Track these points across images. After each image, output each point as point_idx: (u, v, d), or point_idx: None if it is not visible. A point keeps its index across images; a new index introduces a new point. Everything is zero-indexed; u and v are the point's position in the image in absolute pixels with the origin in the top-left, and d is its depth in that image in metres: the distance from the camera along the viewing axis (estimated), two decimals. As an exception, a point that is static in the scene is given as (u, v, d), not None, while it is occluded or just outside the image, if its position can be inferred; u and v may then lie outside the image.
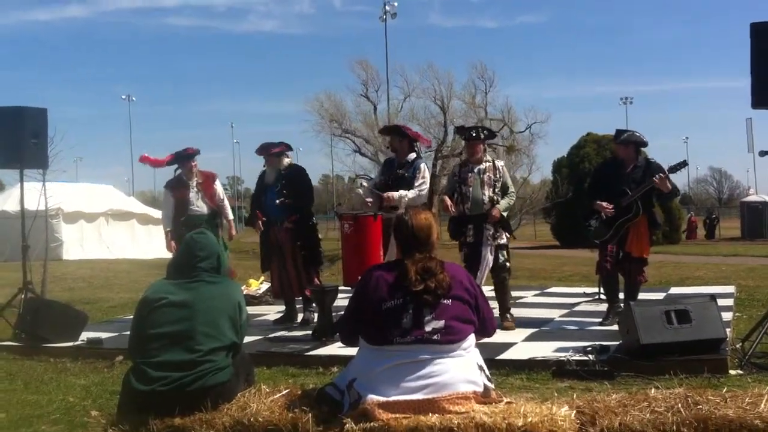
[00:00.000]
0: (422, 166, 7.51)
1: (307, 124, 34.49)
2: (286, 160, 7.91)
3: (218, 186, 8.47)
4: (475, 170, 7.14)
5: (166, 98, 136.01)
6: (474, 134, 7.29)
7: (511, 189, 7.32)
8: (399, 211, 6.40)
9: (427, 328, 3.82)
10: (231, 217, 8.65)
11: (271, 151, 7.79)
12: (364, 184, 7.16)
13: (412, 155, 7.51)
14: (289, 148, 8.02)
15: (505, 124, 29.94)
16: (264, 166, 7.99)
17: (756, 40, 5.88)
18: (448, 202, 7.13)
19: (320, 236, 8.25)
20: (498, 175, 7.16)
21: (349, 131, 32.22)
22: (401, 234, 4.11)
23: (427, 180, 7.47)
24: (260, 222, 7.82)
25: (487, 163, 7.20)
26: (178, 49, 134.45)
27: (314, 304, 7.40)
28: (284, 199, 7.68)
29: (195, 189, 8.26)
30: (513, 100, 41.59)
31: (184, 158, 8.27)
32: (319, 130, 32.87)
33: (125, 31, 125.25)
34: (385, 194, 7.24)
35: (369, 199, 7.40)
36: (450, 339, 3.84)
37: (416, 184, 7.32)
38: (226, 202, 8.57)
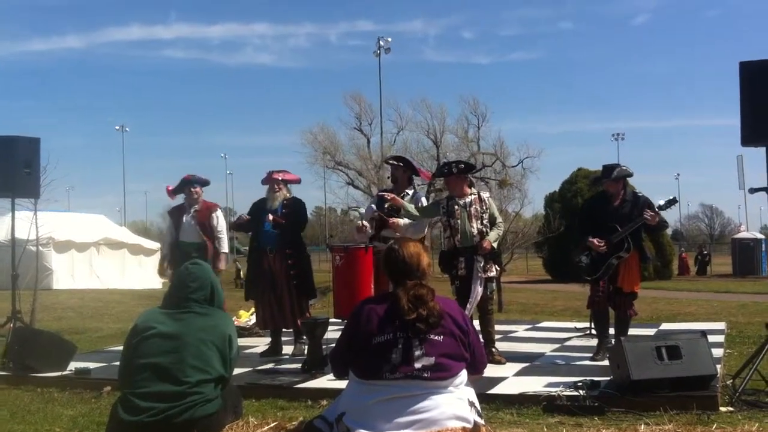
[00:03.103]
0: (423, 199, 7.62)
1: (301, 156, 34.69)
2: (289, 194, 7.94)
3: (216, 217, 8.39)
4: (461, 203, 7.15)
5: (160, 129, 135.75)
6: (446, 170, 7.31)
7: (499, 220, 7.34)
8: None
9: (417, 365, 3.79)
10: (224, 250, 8.49)
11: (282, 178, 7.82)
12: (361, 211, 7.20)
13: (411, 189, 7.60)
14: (298, 181, 8.13)
15: (497, 158, 30.14)
16: (267, 193, 7.98)
17: (745, 78, 5.94)
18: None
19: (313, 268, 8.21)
20: (484, 207, 7.16)
21: (342, 164, 32.40)
22: (392, 263, 4.08)
23: None
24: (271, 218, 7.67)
25: (473, 196, 7.19)
26: (173, 80, 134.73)
27: (305, 336, 7.37)
28: (282, 221, 7.65)
29: (191, 216, 8.27)
30: (505, 134, 41.96)
31: (185, 183, 8.35)
32: (312, 162, 33.10)
33: (121, 62, 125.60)
34: (392, 219, 7.26)
35: (364, 223, 7.38)
36: (439, 376, 3.82)
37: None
38: (223, 234, 8.44)
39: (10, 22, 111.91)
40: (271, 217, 7.65)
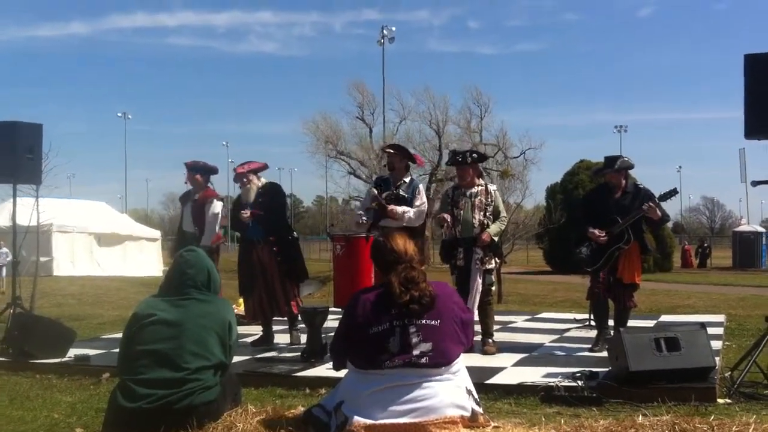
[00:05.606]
0: (420, 186, 7.56)
1: (303, 145, 34.64)
2: (263, 180, 7.81)
3: (212, 207, 8.05)
4: (467, 194, 7.14)
5: (162, 117, 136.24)
6: (460, 159, 7.27)
7: (503, 214, 7.32)
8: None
9: (415, 351, 3.81)
10: (203, 243, 7.79)
11: (247, 169, 7.67)
12: (357, 204, 7.19)
13: (408, 176, 7.54)
14: (265, 167, 7.90)
15: (499, 149, 30.11)
16: (239, 187, 7.85)
17: (749, 71, 5.92)
18: (447, 218, 7.07)
19: (304, 255, 8.05)
20: (489, 199, 7.15)
21: (344, 153, 32.36)
22: (380, 254, 4.14)
23: (426, 201, 7.46)
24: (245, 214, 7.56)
25: (480, 187, 7.18)
26: (177, 68, 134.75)
27: (301, 324, 7.35)
28: (257, 210, 7.51)
29: (189, 205, 8.19)
30: (508, 125, 41.79)
31: (187, 169, 8.18)
32: (314, 152, 33.05)
33: (125, 49, 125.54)
34: (390, 207, 7.18)
35: (363, 216, 7.34)
36: (438, 362, 3.84)
37: (417, 203, 7.29)
38: (209, 226, 8.04)
39: (18, 7, 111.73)
40: (247, 213, 7.52)
